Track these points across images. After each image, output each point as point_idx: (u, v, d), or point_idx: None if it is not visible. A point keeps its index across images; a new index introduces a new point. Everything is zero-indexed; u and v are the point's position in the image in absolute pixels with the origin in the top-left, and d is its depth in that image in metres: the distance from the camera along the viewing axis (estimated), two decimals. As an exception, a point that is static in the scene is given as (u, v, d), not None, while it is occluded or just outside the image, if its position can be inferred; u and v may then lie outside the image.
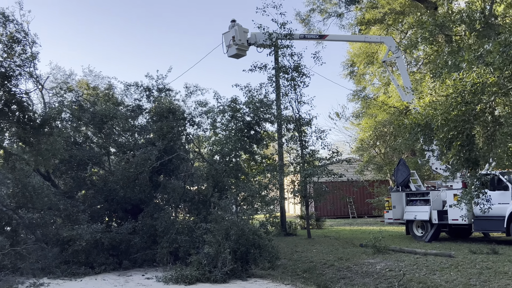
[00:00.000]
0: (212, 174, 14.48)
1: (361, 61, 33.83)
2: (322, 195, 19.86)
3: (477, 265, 10.27)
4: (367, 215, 32.32)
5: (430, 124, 9.21)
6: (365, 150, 32.41)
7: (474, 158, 8.94)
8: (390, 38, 21.01)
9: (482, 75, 8.14)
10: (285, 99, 18.93)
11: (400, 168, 17.65)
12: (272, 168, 17.43)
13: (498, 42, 7.57)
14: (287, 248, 14.91)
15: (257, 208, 14.07)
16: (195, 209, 14.18)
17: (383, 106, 30.33)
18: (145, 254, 12.45)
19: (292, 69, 18.51)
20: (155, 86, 15.49)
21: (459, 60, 8.61)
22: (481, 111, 8.69)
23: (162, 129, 13.66)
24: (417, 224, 16.71)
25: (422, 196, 16.69)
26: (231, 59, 21.21)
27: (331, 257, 12.77)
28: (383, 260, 11.77)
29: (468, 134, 8.71)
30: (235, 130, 16.22)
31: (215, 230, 11.02)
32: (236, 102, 16.62)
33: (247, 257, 10.98)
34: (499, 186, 13.92)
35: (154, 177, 13.96)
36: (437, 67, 9.90)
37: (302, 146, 18.60)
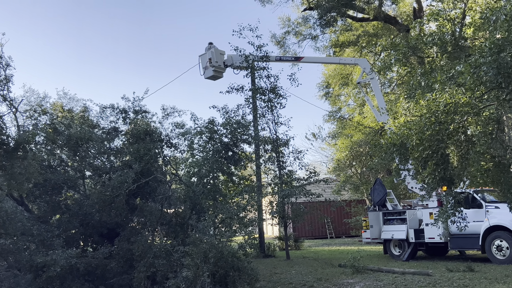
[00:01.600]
0: (190, 196, 14.34)
1: (336, 82, 34.39)
2: (300, 215, 19.86)
3: (454, 283, 10.37)
4: (345, 235, 32.38)
5: (405, 143, 9.37)
6: (342, 170, 32.67)
7: (449, 177, 9.10)
8: (364, 60, 21.46)
9: (454, 95, 8.36)
10: (262, 120, 19.07)
11: (376, 188, 17.83)
12: (250, 189, 17.36)
13: (469, 64, 7.80)
14: (266, 270, 14.80)
15: (236, 230, 13.94)
16: (173, 232, 13.96)
17: (358, 127, 30.76)
18: (122, 279, 12.16)
19: (269, 91, 18.68)
20: (131, 108, 15.38)
21: (432, 81, 8.84)
22: (454, 131, 8.89)
23: (139, 151, 13.52)
24: (395, 243, 16.83)
25: (398, 215, 16.86)
26: (208, 80, 21.31)
27: (310, 278, 12.72)
28: (362, 280, 11.78)
29: (443, 153, 8.88)
30: (212, 152, 16.15)
31: (193, 253, 10.85)
32: (214, 124, 16.60)
33: (226, 280, 10.82)
34: (473, 204, 14.18)
35: (131, 200, 13.74)
36: (410, 88, 10.12)
37: (279, 167, 18.66)
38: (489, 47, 7.62)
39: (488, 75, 7.64)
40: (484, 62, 7.57)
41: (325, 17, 27.30)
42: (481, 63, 7.62)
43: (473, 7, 13.26)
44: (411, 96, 9.77)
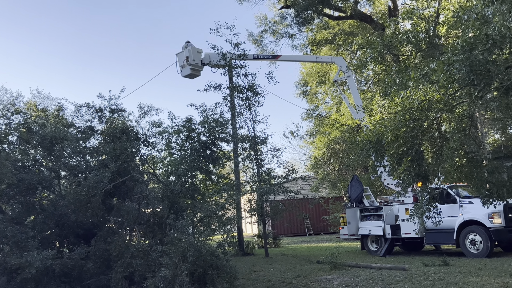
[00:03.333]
0: (168, 195, 14.24)
1: (313, 80, 34.62)
2: (278, 213, 19.95)
3: (430, 277, 10.56)
4: (323, 232, 32.65)
5: (381, 140, 9.49)
6: (320, 167, 32.94)
7: (424, 173, 9.27)
8: (340, 58, 21.66)
9: (428, 92, 8.51)
10: (240, 118, 19.07)
11: (353, 185, 18.03)
12: (229, 187, 17.36)
13: (442, 61, 7.94)
14: (245, 268, 14.81)
15: (214, 228, 13.92)
16: (151, 232, 13.85)
17: (335, 124, 31.04)
18: (99, 280, 12.00)
19: (247, 89, 18.68)
20: (107, 106, 15.18)
21: (406, 79, 8.97)
22: (429, 127, 9.06)
23: (115, 151, 13.35)
24: (372, 239, 17.05)
25: (375, 211, 17.08)
26: (186, 79, 21.20)
27: (289, 275, 12.79)
28: (340, 276, 11.91)
29: (417, 150, 9.04)
30: (190, 150, 16.08)
31: (171, 253, 10.78)
32: (191, 122, 16.53)
33: (205, 278, 10.79)
34: (448, 199, 14.46)
35: (107, 200, 13.56)
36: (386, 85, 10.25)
37: (258, 165, 18.70)
38: (462, 45, 7.78)
39: (461, 72, 7.79)
40: (457, 60, 7.72)
41: (302, 15, 27.45)
42: (454, 61, 7.76)
43: (446, 6, 13.53)
44: (387, 94, 9.89)
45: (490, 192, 9.50)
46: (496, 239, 13.45)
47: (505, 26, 7.00)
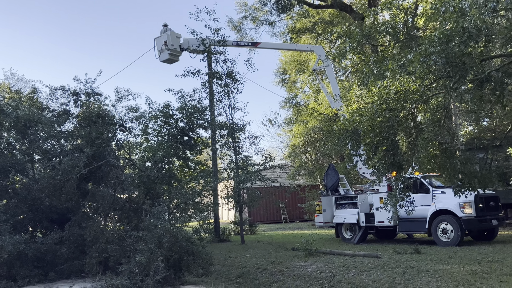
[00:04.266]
0: (144, 181, 14.15)
1: (292, 69, 34.64)
2: (255, 200, 20.04)
3: (402, 264, 10.79)
4: (299, 220, 32.97)
5: (357, 130, 9.61)
6: (297, 155, 33.12)
7: (398, 163, 9.42)
8: (320, 47, 21.69)
9: (405, 83, 8.63)
10: (218, 105, 18.98)
11: (329, 173, 18.20)
12: (206, 174, 17.34)
13: (419, 53, 8.04)
14: (221, 254, 14.88)
15: (191, 215, 13.91)
16: (126, 218, 13.77)
17: (313, 113, 31.19)
18: (73, 265, 11.90)
19: (226, 75, 18.59)
20: (83, 90, 14.91)
21: (383, 69, 9.06)
22: (404, 118, 9.20)
23: (91, 135, 13.16)
24: (346, 227, 17.30)
25: (350, 199, 17.31)
26: (164, 64, 20.96)
27: (264, 261, 12.90)
28: (314, 262, 12.06)
29: (393, 140, 9.17)
30: (168, 136, 15.97)
31: (147, 238, 10.76)
32: (169, 108, 16.39)
33: (181, 264, 10.82)
34: (421, 189, 14.75)
35: (82, 184, 13.40)
36: (363, 75, 10.33)
37: (235, 152, 18.70)
38: (439, 37, 7.88)
39: (437, 64, 7.91)
40: (434, 51, 7.82)
41: (282, 1, 27.34)
42: (430, 53, 7.87)
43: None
44: (364, 84, 9.98)
45: (462, 182, 9.73)
46: (466, 228, 13.80)
47: (481, 20, 7.11)
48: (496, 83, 8.62)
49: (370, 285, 9.19)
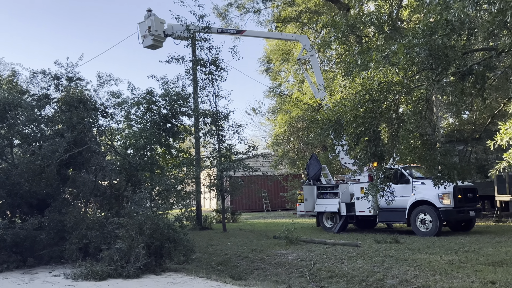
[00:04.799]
0: (126, 167, 14.04)
1: (277, 58, 34.55)
2: (238, 189, 20.08)
3: (381, 253, 10.96)
4: (280, 208, 33.17)
5: (340, 120, 9.64)
6: (280, 145, 33.21)
7: (380, 153, 9.51)
8: (304, 36, 21.67)
9: (388, 74, 8.68)
10: (202, 92, 18.90)
11: (312, 163, 18.31)
12: (189, 162, 17.29)
13: (403, 44, 8.09)
14: (202, 242, 14.91)
15: (173, 202, 13.88)
16: (107, 204, 13.67)
17: (297, 103, 31.25)
18: (52, 251, 11.80)
19: (210, 63, 18.47)
20: (64, 74, 14.66)
21: (367, 60, 9.10)
22: (387, 109, 9.26)
23: (72, 120, 12.97)
24: (327, 216, 17.46)
25: (332, 189, 17.46)
26: (147, 50, 20.74)
27: (246, 249, 12.97)
28: (295, 251, 12.17)
29: (375, 130, 9.24)
30: (150, 123, 15.84)
31: (128, 225, 10.71)
32: (152, 94, 16.25)
33: (162, 251, 10.81)
34: (401, 179, 14.94)
35: (63, 170, 13.24)
36: (347, 66, 10.37)
37: (219, 140, 18.66)
38: (422, 29, 7.93)
39: (420, 56, 7.98)
40: (417, 43, 7.88)
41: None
42: (414, 44, 7.93)
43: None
44: (348, 74, 10.02)
45: (441, 173, 9.87)
46: (445, 219, 14.06)
47: (464, 13, 7.18)
48: (478, 77, 8.73)
49: (349, 273, 9.31)
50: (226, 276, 10.09)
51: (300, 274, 9.99)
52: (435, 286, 7.79)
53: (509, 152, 6.24)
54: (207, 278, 9.66)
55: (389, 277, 8.70)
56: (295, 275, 10.00)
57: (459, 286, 7.53)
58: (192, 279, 9.59)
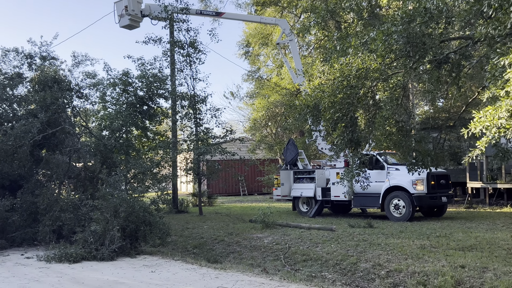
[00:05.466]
0: (101, 149, 13.85)
1: (256, 41, 34.31)
2: (214, 173, 20.04)
3: (355, 237, 11.13)
4: (257, 193, 33.34)
5: (318, 105, 9.69)
6: (258, 129, 33.20)
7: (356, 139, 9.61)
8: (284, 20, 21.54)
9: (366, 61, 8.73)
10: (180, 75, 18.64)
11: (289, 148, 18.39)
12: (165, 145, 17.14)
13: (382, 31, 8.13)
14: (178, 225, 14.89)
15: (148, 185, 13.78)
16: (81, 186, 13.50)
17: (275, 88, 31.17)
18: (25, 233, 11.63)
19: (188, 45, 18.23)
20: (38, 53, 14.29)
21: (346, 46, 9.12)
22: (364, 95, 9.33)
23: (46, 100, 12.68)
24: (303, 200, 17.62)
25: (308, 174, 17.59)
26: (124, 29, 20.33)
27: (222, 232, 13.01)
28: (271, 234, 12.27)
29: (352, 116, 9.32)
30: (126, 105, 15.61)
31: (103, 207, 10.61)
32: (128, 76, 15.98)
33: (137, 234, 10.76)
34: (376, 165, 15.15)
35: (36, 151, 12.98)
36: (326, 51, 10.38)
37: (196, 124, 18.52)
38: (401, 16, 7.98)
39: (398, 43, 8.04)
40: (395, 30, 7.93)
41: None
42: (392, 32, 7.97)
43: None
44: (327, 60, 10.04)
45: (415, 160, 10.04)
46: (417, 205, 14.34)
47: (442, 1, 7.24)
48: (453, 65, 8.86)
49: (324, 257, 9.45)
50: (201, 259, 10.12)
51: (275, 257, 10.09)
52: (407, 270, 7.97)
53: (482, 140, 6.37)
54: (182, 261, 9.67)
55: (363, 261, 8.86)
56: (271, 258, 10.09)
57: (430, 270, 7.72)
58: (167, 262, 9.58)
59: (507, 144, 7.11)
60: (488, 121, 6.17)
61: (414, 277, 7.65)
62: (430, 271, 7.68)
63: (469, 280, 7.13)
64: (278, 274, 8.45)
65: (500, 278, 6.92)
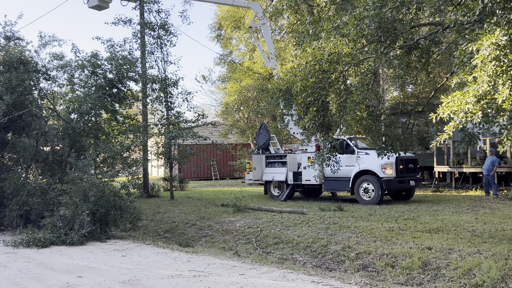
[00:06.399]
0: (69, 133, 13.55)
1: (228, 24, 34.02)
2: (186, 157, 19.92)
3: (325, 220, 11.30)
4: (229, 177, 33.37)
5: (290, 90, 9.70)
6: (230, 114, 33.13)
7: (327, 123, 9.68)
8: (257, 4, 21.37)
9: (338, 45, 8.76)
10: (151, 57, 18.36)
11: (261, 132, 18.43)
12: (136, 129, 16.90)
13: (354, 16, 8.15)
14: (149, 210, 14.79)
15: (118, 170, 13.60)
16: (49, 170, 13.22)
17: (248, 72, 31.08)
18: (-10, 218, 11.37)
19: (159, 27, 17.92)
20: (2, 33, 13.80)
21: (319, 30, 9.13)
22: (336, 80, 9.39)
23: (11, 82, 12.28)
24: (275, 184, 17.74)
25: (280, 158, 17.69)
26: (92, 10, 19.79)
27: (193, 217, 13.00)
28: (243, 218, 12.33)
29: (323, 101, 9.37)
30: (95, 87, 15.26)
31: (71, 192, 10.44)
32: (97, 57, 15.59)
33: (107, 218, 10.65)
34: (347, 150, 15.33)
35: (1, 134, 12.60)
36: (299, 35, 10.37)
37: (167, 107, 18.31)
38: (373, 1, 8.02)
39: (370, 28, 8.09)
40: (367, 15, 7.97)
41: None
42: (364, 16, 8.01)
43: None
44: (299, 44, 10.04)
45: (385, 144, 10.20)
46: (386, 188, 14.62)
47: (413, -13, 7.30)
48: (423, 51, 8.99)
49: (295, 240, 9.56)
50: (173, 243, 10.11)
51: (247, 240, 10.15)
52: (375, 252, 8.15)
53: (449, 125, 6.50)
54: (154, 245, 9.63)
55: (333, 243, 9.01)
56: (242, 241, 10.16)
57: (398, 252, 7.91)
58: (138, 246, 9.53)
59: (474, 128, 7.28)
60: (455, 106, 6.30)
61: (383, 259, 7.83)
62: (398, 253, 7.87)
63: (435, 261, 7.34)
64: (249, 257, 8.52)
65: (465, 259, 7.15)
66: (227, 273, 7.04)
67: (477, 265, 6.81)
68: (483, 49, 5.80)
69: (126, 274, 7.12)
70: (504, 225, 9.84)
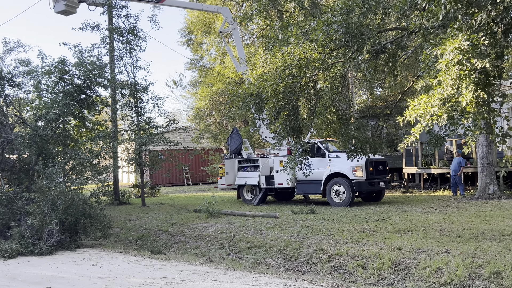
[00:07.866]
0: (36, 140, 13.25)
1: (198, 29, 33.93)
2: (157, 163, 19.72)
3: (298, 223, 11.36)
4: (202, 182, 33.20)
5: (261, 94, 9.76)
6: (201, 118, 32.99)
7: (298, 127, 9.78)
8: (226, 9, 21.40)
9: (307, 50, 8.87)
10: (120, 62, 18.13)
11: (233, 137, 18.41)
12: (105, 135, 16.64)
13: (322, 21, 8.27)
14: (120, 217, 14.57)
15: (88, 177, 13.37)
16: (16, 179, 12.88)
17: (219, 76, 31.04)
18: (-47, 229, 10.97)
19: (128, 32, 17.73)
20: (-36, 39, 13.47)
21: (288, 35, 9.22)
22: (306, 84, 9.50)
23: (-26, 89, 11.99)
24: (247, 188, 17.74)
25: (252, 163, 17.71)
26: (59, 15, 19.43)
27: (166, 223, 12.87)
28: (216, 223, 12.28)
29: (294, 105, 9.47)
30: (63, 94, 14.98)
31: (40, 200, 10.20)
32: (65, 63, 15.32)
33: (77, 227, 10.44)
34: (318, 153, 15.47)
35: (-36, 143, 12.26)
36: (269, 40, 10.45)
37: (137, 113, 18.10)
38: (341, 6, 8.16)
39: (338, 33, 8.22)
40: (335, 21, 8.11)
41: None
42: (332, 22, 8.14)
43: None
44: (269, 49, 10.12)
45: (355, 147, 10.36)
46: (357, 190, 14.82)
47: (379, -8, 7.46)
48: (390, 55, 9.19)
49: (268, 244, 9.59)
50: (145, 251, 9.99)
51: (220, 246, 10.12)
52: (347, 254, 8.25)
53: (416, 127, 6.66)
54: (125, 253, 9.49)
55: (305, 246, 9.07)
56: (215, 247, 10.12)
57: (369, 253, 8.03)
58: (109, 254, 9.38)
59: (440, 130, 7.47)
60: (422, 109, 6.46)
61: (354, 260, 7.93)
62: (369, 254, 7.99)
63: (405, 261, 7.49)
64: (223, 262, 8.50)
65: (434, 258, 7.31)
66: (200, 279, 7.00)
67: (445, 264, 6.97)
68: (447, 54, 5.97)
69: (97, 283, 7.00)
70: (471, 224, 10.10)
